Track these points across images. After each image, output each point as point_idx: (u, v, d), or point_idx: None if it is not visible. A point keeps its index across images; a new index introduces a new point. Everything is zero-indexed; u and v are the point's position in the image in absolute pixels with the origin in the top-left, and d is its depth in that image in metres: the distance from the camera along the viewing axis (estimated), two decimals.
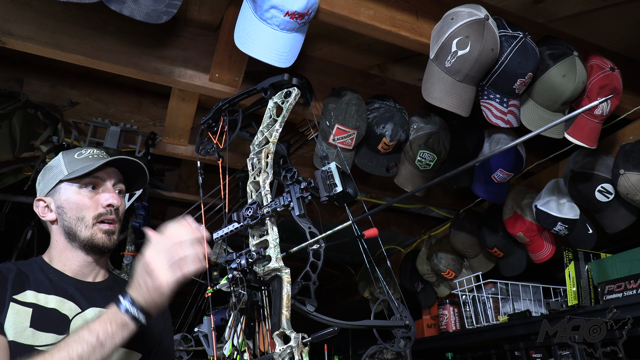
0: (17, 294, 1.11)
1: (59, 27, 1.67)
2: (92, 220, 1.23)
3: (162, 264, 0.99)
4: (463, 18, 1.54)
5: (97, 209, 1.24)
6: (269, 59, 1.49)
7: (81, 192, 1.25)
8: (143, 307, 0.99)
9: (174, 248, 1.01)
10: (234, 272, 1.14)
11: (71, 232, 1.23)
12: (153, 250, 1.01)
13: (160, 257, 1.00)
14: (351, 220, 1.15)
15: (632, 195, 1.89)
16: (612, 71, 1.78)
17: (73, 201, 1.24)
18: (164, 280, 0.98)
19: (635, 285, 1.96)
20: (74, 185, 1.25)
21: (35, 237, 2.59)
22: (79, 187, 1.25)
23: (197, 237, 1.04)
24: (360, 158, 2.04)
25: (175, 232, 1.04)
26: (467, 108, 1.66)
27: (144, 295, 0.99)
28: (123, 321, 0.97)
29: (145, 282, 0.99)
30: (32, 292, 1.14)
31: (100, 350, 0.94)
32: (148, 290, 0.99)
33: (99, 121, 2.29)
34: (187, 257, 1.01)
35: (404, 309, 1.21)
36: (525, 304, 2.70)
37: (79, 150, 1.32)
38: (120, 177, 1.34)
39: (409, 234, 3.68)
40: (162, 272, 0.98)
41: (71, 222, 1.23)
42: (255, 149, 1.28)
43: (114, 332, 0.96)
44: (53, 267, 1.23)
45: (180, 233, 1.03)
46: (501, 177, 2.24)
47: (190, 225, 1.06)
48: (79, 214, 1.23)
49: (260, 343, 2.26)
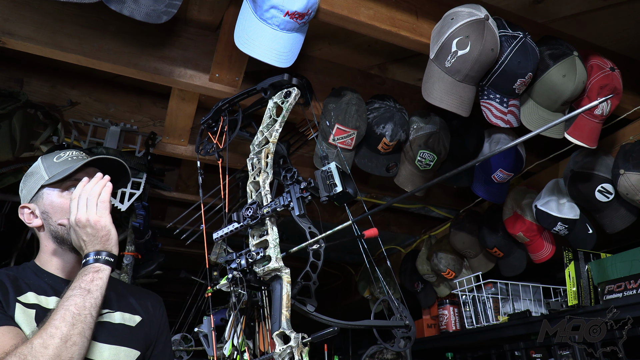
0: (19, 296, 1.12)
1: (58, 27, 1.67)
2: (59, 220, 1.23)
3: (84, 212, 1.14)
4: (463, 18, 1.54)
5: None
6: (269, 59, 1.49)
7: (63, 196, 1.25)
8: (99, 250, 1.13)
9: (79, 198, 1.16)
10: (234, 272, 1.14)
11: (58, 235, 1.24)
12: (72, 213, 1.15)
13: (79, 211, 1.14)
14: (351, 220, 1.15)
15: (632, 195, 1.89)
16: (612, 71, 1.78)
17: (57, 205, 1.24)
18: (97, 218, 1.13)
19: (635, 285, 1.96)
20: (55, 189, 1.26)
21: (35, 237, 2.58)
22: (61, 190, 1.26)
23: (91, 181, 1.19)
24: (360, 158, 2.04)
25: (74, 193, 1.18)
26: (467, 108, 1.66)
27: (93, 244, 1.13)
28: (94, 268, 1.10)
29: (87, 234, 1.13)
30: (33, 293, 1.15)
31: (90, 295, 1.06)
32: (93, 237, 1.13)
33: (99, 121, 2.29)
34: (91, 191, 1.16)
35: (404, 309, 1.21)
36: (525, 304, 2.70)
37: (57, 153, 1.32)
38: None
39: (409, 234, 3.68)
40: (91, 216, 1.13)
41: (57, 226, 1.23)
42: (255, 149, 1.28)
43: (92, 278, 1.08)
44: (46, 271, 1.24)
45: (76, 192, 1.18)
46: (501, 177, 2.24)
47: (83, 181, 1.20)
48: (63, 217, 1.23)
49: (260, 343, 2.26)
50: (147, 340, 1.26)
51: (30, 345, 0.96)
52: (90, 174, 1.28)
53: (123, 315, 1.25)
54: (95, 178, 1.20)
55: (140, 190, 2.28)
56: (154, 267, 2.43)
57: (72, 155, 1.31)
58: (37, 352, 0.95)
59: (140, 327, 1.26)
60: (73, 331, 1.00)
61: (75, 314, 1.02)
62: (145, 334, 1.26)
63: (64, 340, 0.98)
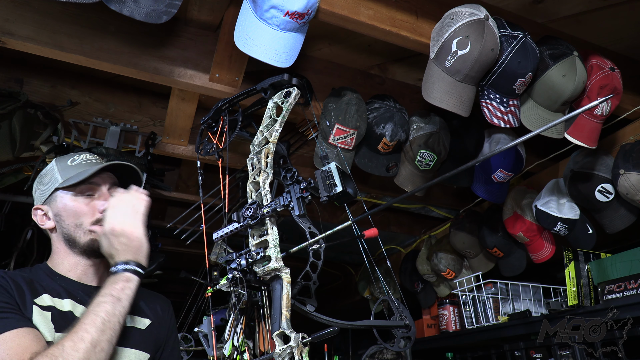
0: (36, 298, 1.13)
1: (59, 27, 1.67)
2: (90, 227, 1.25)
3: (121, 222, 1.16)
4: (463, 18, 1.54)
5: (94, 214, 1.25)
6: (269, 59, 1.49)
7: (77, 199, 1.26)
8: (131, 260, 1.14)
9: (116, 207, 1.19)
10: (234, 272, 1.14)
11: (70, 238, 1.25)
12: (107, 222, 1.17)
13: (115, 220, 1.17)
14: (351, 220, 1.15)
15: (632, 195, 1.89)
16: (612, 71, 1.78)
17: (70, 208, 1.25)
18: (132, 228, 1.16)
19: (635, 285, 1.96)
20: (69, 192, 1.26)
21: (35, 237, 2.58)
22: (75, 194, 1.26)
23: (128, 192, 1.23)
24: (360, 158, 2.04)
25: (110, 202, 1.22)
26: (467, 108, 1.66)
27: (125, 253, 1.15)
28: (125, 277, 1.12)
29: (120, 243, 1.15)
30: (48, 295, 1.16)
31: (120, 304, 1.08)
32: (126, 247, 1.15)
33: (99, 121, 2.29)
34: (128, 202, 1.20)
35: (404, 309, 1.21)
36: (525, 304, 2.70)
37: (72, 156, 1.33)
38: (115, 181, 1.35)
39: (409, 234, 3.68)
40: (127, 226, 1.16)
41: (70, 229, 1.25)
42: (255, 149, 1.28)
43: (123, 287, 1.10)
44: (59, 274, 1.25)
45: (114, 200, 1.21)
46: (501, 177, 2.24)
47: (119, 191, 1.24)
48: (76, 220, 1.24)
49: (260, 343, 2.26)
50: (156, 342, 1.27)
51: (61, 347, 0.97)
52: (104, 179, 1.31)
53: (133, 318, 1.26)
54: (132, 189, 1.25)
55: None
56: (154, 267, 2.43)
57: (86, 158, 1.32)
58: (67, 354, 0.96)
59: (149, 330, 1.27)
60: (102, 337, 1.02)
61: (105, 320, 1.03)
62: (154, 336, 1.27)
63: (94, 345, 1.00)
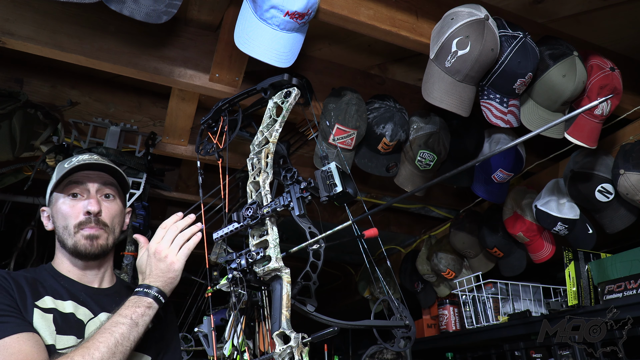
0: (37, 300, 1.13)
1: (59, 27, 1.67)
2: (74, 229, 1.24)
3: (167, 248, 1.18)
4: (463, 18, 1.54)
5: (78, 217, 1.25)
6: (269, 59, 1.49)
7: (65, 202, 1.26)
8: (160, 289, 1.15)
9: (171, 233, 1.21)
10: (234, 272, 1.14)
11: (61, 240, 1.26)
12: (156, 241, 1.20)
13: (163, 244, 1.19)
14: (351, 220, 1.15)
15: (632, 195, 1.89)
16: (612, 71, 1.78)
17: (59, 210, 1.26)
18: (174, 260, 1.18)
19: (635, 285, 1.96)
20: (60, 194, 1.28)
21: (35, 237, 2.58)
22: (64, 196, 1.27)
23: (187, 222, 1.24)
24: (360, 158, 2.04)
25: (167, 222, 1.24)
26: (467, 108, 1.66)
27: (158, 279, 1.16)
28: (147, 303, 1.12)
29: (158, 267, 1.17)
30: (50, 297, 1.16)
31: (136, 329, 1.07)
32: (162, 274, 1.17)
33: (99, 121, 2.29)
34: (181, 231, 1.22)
35: (404, 309, 1.21)
36: (525, 304, 2.70)
37: (70, 159, 1.32)
38: (107, 180, 1.32)
39: (409, 234, 3.68)
40: (171, 255, 1.18)
41: (60, 231, 1.26)
42: (255, 149, 1.28)
43: (143, 312, 1.10)
44: (62, 274, 1.26)
45: (171, 222, 1.24)
46: (501, 177, 2.24)
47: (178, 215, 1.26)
48: (64, 222, 1.25)
49: (260, 343, 2.26)
50: (158, 344, 1.28)
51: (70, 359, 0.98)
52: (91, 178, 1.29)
53: None
54: (189, 219, 1.26)
55: (140, 190, 2.28)
56: None
57: (82, 159, 1.30)
58: None
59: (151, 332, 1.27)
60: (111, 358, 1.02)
61: (118, 342, 1.03)
62: (156, 339, 1.27)
63: None
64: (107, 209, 1.29)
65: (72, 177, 1.28)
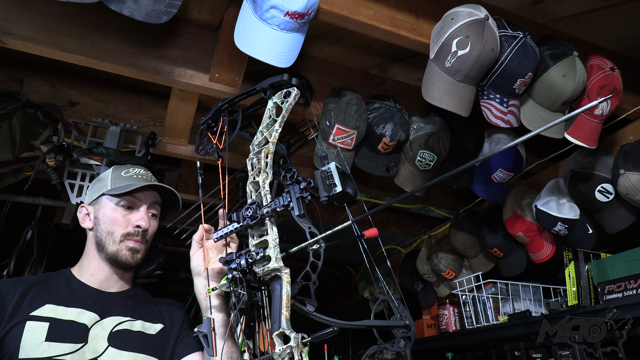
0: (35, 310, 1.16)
1: (59, 27, 1.67)
2: (120, 237, 1.30)
3: None
4: (463, 18, 1.54)
5: (127, 227, 1.31)
6: (269, 59, 1.49)
7: (117, 209, 1.32)
8: None
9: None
10: (234, 272, 1.14)
11: (101, 243, 1.30)
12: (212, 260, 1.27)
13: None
14: (351, 220, 1.14)
15: (632, 195, 1.88)
16: (612, 71, 1.78)
17: (108, 216, 1.31)
18: None
19: (635, 285, 1.95)
20: (113, 200, 1.33)
21: (35, 237, 2.58)
22: (117, 203, 1.33)
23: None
24: (360, 158, 2.04)
25: None
26: (467, 108, 1.66)
27: None
28: None
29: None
30: (52, 305, 1.18)
31: None
32: None
33: (99, 121, 2.29)
34: None
35: (404, 309, 1.21)
36: (525, 304, 2.70)
37: (127, 167, 1.41)
38: (157, 200, 1.41)
39: (409, 234, 3.68)
40: None
41: (102, 234, 1.30)
42: (254, 149, 1.28)
43: None
44: (78, 279, 1.29)
45: None
46: (501, 177, 2.24)
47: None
48: (110, 228, 1.30)
49: (260, 343, 2.26)
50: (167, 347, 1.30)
51: None
52: (147, 196, 1.38)
53: (144, 324, 1.29)
54: None
55: None
56: (154, 267, 2.42)
57: (139, 174, 1.39)
58: None
59: (161, 335, 1.30)
60: None
61: None
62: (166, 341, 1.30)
63: None
64: (151, 226, 1.37)
65: None
